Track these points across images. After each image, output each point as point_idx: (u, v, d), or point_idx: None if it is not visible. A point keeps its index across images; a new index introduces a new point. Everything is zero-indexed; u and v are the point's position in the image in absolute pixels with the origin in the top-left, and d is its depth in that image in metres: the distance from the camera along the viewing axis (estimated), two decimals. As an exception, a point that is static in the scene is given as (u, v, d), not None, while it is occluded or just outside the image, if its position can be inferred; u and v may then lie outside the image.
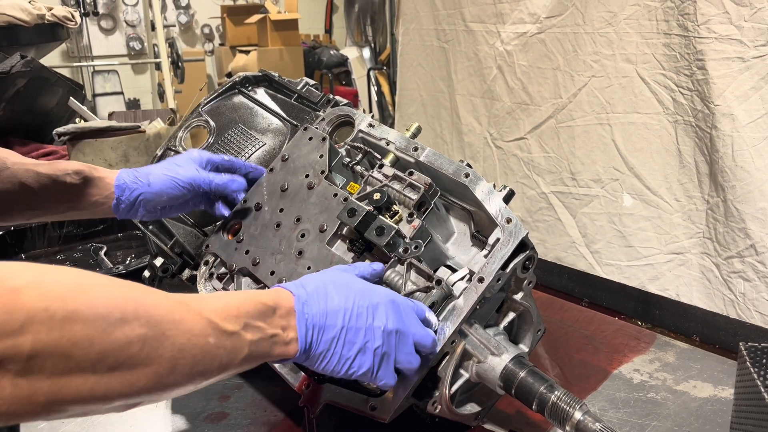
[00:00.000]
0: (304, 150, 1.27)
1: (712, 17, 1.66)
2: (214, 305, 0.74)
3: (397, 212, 1.09)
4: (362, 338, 0.86)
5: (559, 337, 1.49)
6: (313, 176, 1.22)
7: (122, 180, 1.20)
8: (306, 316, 0.83)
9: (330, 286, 0.88)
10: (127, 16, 8.54)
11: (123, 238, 2.07)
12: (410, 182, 1.10)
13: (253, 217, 1.24)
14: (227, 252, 1.25)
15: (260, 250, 1.20)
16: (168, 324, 0.67)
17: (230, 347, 0.74)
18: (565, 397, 0.94)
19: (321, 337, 0.84)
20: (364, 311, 0.87)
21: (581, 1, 2.01)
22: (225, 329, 0.73)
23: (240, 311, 0.76)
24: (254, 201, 1.26)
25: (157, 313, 0.67)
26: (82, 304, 0.60)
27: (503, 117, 2.37)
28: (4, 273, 0.58)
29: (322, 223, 1.14)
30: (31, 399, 0.57)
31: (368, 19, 8.27)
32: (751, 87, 1.62)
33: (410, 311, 0.93)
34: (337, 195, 1.16)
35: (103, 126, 2.29)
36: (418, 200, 1.08)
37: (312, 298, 0.85)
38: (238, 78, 1.54)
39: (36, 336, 0.56)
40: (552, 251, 2.22)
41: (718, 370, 1.32)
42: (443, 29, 2.65)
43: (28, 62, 2.62)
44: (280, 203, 1.23)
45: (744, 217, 1.64)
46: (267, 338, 0.79)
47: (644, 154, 1.91)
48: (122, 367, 0.63)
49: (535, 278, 1.08)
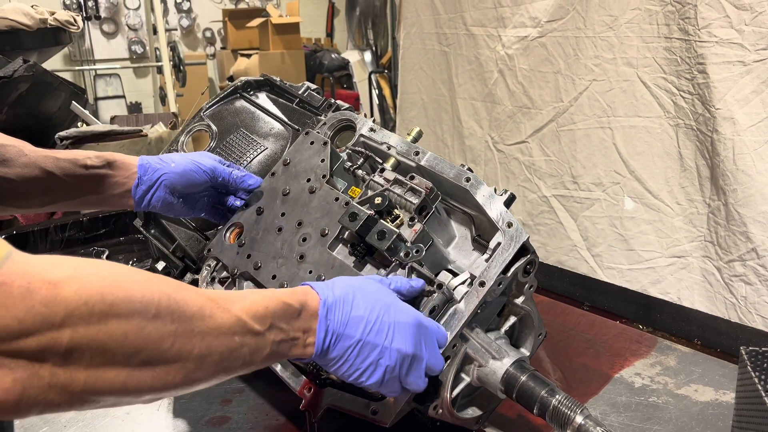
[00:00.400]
0: (305, 154, 1.27)
1: (713, 21, 1.66)
2: (242, 303, 0.75)
3: (399, 216, 1.09)
4: (377, 354, 0.86)
5: (560, 341, 1.49)
6: (314, 180, 1.22)
7: (145, 161, 1.20)
8: (328, 321, 0.83)
9: (358, 293, 0.88)
10: (129, 20, 8.57)
11: (125, 242, 2.08)
12: (411, 186, 1.11)
13: (255, 222, 1.25)
14: (229, 256, 1.24)
15: (262, 254, 1.20)
16: (198, 321, 0.69)
17: (254, 346, 0.75)
18: (566, 401, 0.94)
19: (337, 344, 0.84)
20: (386, 328, 0.86)
21: (582, 5, 2.02)
22: (252, 328, 0.75)
23: (268, 311, 0.77)
24: (256, 205, 1.26)
25: (189, 310, 0.68)
26: (119, 299, 0.62)
27: (504, 120, 2.37)
28: (44, 266, 0.59)
29: (324, 227, 1.14)
30: (67, 389, 0.59)
31: (369, 23, 8.29)
32: (752, 91, 1.62)
33: (432, 337, 0.93)
34: (338, 199, 1.16)
35: (105, 130, 2.30)
36: (419, 204, 1.08)
37: (337, 304, 0.85)
38: (240, 82, 1.54)
39: (75, 329, 0.58)
40: (553, 255, 2.22)
41: (719, 374, 1.32)
42: (444, 33, 2.65)
43: (30, 67, 2.63)
44: (281, 207, 1.23)
45: (745, 220, 1.64)
46: (288, 340, 0.80)
47: (645, 157, 1.91)
48: (154, 362, 0.64)
49: (536, 282, 1.08)
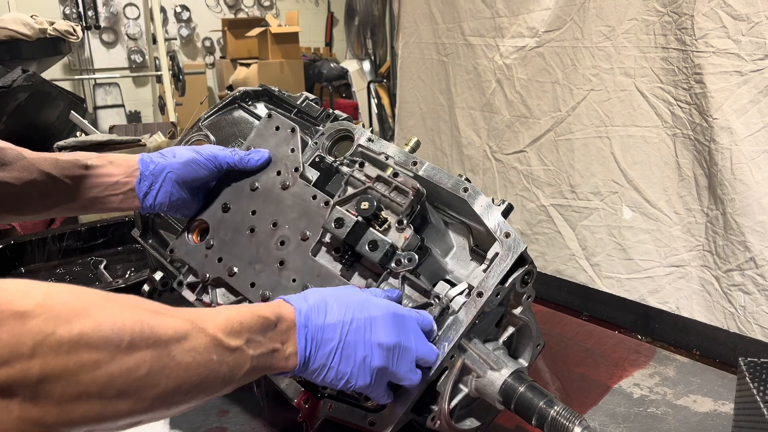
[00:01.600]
0: (271, 142, 1.16)
1: (710, 31, 1.67)
2: (216, 320, 0.74)
3: (386, 220, 1.03)
4: (360, 352, 0.85)
5: (558, 351, 1.49)
6: (285, 174, 1.13)
7: (146, 156, 1.16)
8: (306, 329, 0.82)
9: (331, 299, 0.87)
10: (129, 29, 8.59)
11: (123, 251, 2.08)
12: (397, 185, 1.03)
13: (221, 220, 1.15)
14: (196, 259, 1.15)
15: (235, 258, 1.11)
16: (174, 344, 0.67)
17: (233, 363, 0.74)
18: (564, 412, 0.94)
19: (318, 351, 0.83)
20: (362, 324, 0.85)
21: (579, 16, 2.02)
22: (228, 345, 0.73)
23: (243, 326, 0.76)
24: (221, 201, 1.16)
25: (165, 334, 0.66)
26: (89, 328, 0.60)
27: (502, 130, 2.38)
28: (12, 294, 0.57)
29: (303, 229, 1.07)
30: (39, 423, 0.57)
31: (368, 32, 8.32)
32: (749, 100, 1.62)
33: (413, 324, 0.91)
34: (316, 197, 1.08)
35: (103, 139, 2.30)
36: (407, 207, 1.02)
37: (312, 311, 0.84)
38: (239, 93, 1.55)
39: (44, 360, 0.56)
40: (552, 264, 2.21)
41: (718, 385, 1.32)
42: (443, 43, 2.66)
43: (29, 76, 2.63)
44: (251, 204, 1.13)
45: (743, 230, 1.64)
46: (268, 353, 0.79)
47: (643, 167, 1.91)
48: (130, 391, 0.63)
49: (534, 292, 1.08)
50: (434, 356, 0.93)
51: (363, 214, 1.01)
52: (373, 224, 1.02)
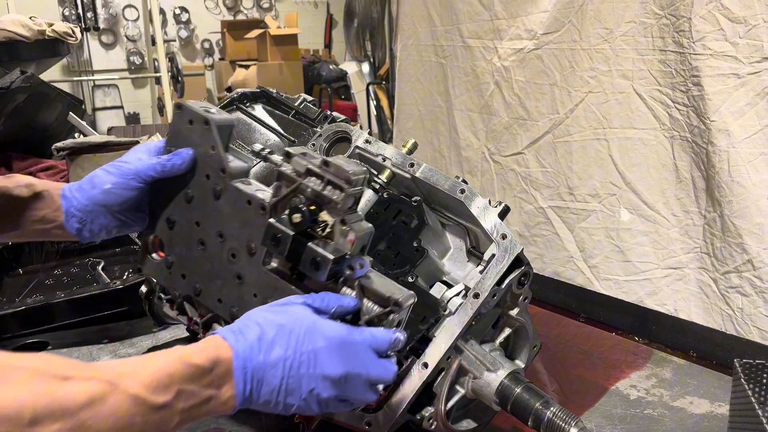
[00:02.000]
0: (191, 139, 1.02)
1: (707, 34, 1.67)
2: (141, 377, 0.70)
3: (326, 223, 0.88)
4: (305, 387, 0.80)
5: (556, 353, 1.49)
6: (214, 177, 1.00)
7: (67, 190, 1.05)
8: (245, 370, 0.77)
9: (270, 329, 0.80)
10: (128, 31, 8.60)
11: (121, 252, 2.07)
12: (329, 179, 0.87)
13: (171, 233, 1.06)
14: (162, 276, 1.09)
15: (196, 274, 1.04)
16: (86, 411, 0.63)
17: (159, 421, 0.70)
18: (560, 414, 0.94)
19: (261, 389, 0.79)
20: (306, 359, 0.80)
21: (577, 18, 2.03)
22: (154, 403, 0.69)
23: (173, 378, 0.72)
24: (165, 215, 1.06)
25: (76, 403, 0.63)
26: None
27: (501, 132, 2.38)
28: None
29: (248, 242, 0.97)
30: None
31: (367, 34, 8.33)
32: (747, 103, 1.63)
33: (364, 349, 0.84)
34: (251, 203, 0.97)
35: (101, 141, 2.30)
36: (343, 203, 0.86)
37: (253, 350, 0.78)
38: (237, 94, 1.55)
39: None
40: (550, 266, 2.22)
41: (714, 386, 1.32)
42: (441, 45, 2.67)
43: (27, 78, 2.63)
44: (192, 215, 1.03)
45: (741, 232, 1.65)
46: (202, 402, 0.75)
47: (641, 169, 1.92)
48: None
49: (530, 294, 1.08)
50: (390, 375, 0.86)
51: (297, 230, 0.87)
52: (313, 232, 0.88)
